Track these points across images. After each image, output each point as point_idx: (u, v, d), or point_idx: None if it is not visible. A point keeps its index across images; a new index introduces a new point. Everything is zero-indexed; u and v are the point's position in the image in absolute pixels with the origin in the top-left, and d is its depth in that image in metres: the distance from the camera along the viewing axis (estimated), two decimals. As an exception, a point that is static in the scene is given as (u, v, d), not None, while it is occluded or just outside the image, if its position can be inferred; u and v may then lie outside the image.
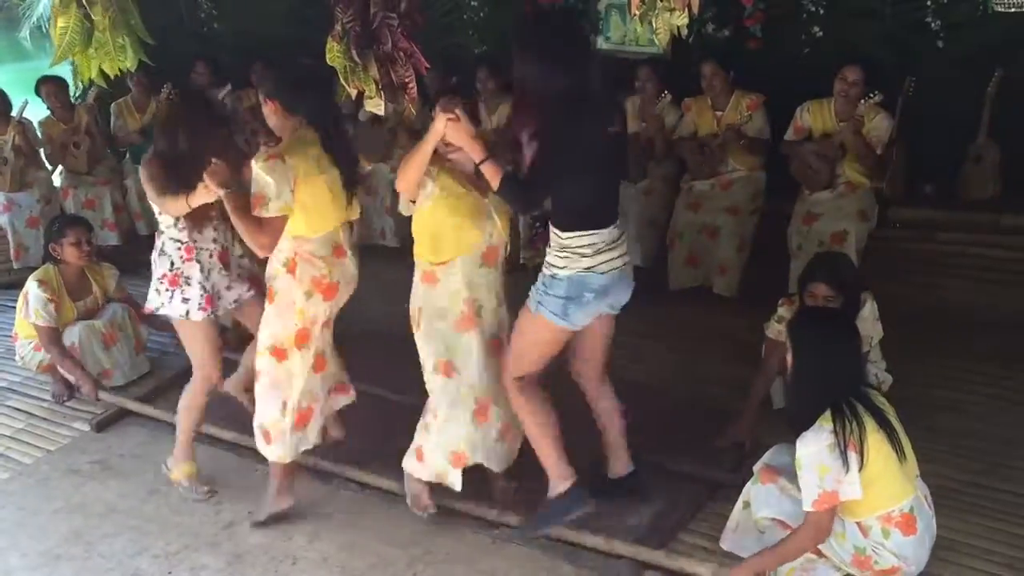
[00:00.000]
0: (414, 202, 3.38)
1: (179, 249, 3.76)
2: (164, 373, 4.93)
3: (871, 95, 4.78)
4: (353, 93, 3.69)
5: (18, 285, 4.74)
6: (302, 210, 3.38)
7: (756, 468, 3.16)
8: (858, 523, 2.87)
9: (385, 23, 3.26)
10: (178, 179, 3.54)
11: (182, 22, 7.27)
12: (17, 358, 4.90)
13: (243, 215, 3.34)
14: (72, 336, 4.70)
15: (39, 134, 6.51)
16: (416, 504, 3.65)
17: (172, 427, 4.26)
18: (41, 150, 6.56)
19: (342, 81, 3.54)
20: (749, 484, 3.14)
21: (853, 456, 2.75)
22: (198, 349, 3.87)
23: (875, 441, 2.79)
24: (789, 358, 2.99)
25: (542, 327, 3.27)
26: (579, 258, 3.16)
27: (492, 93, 5.91)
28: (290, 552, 3.55)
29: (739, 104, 5.34)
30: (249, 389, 3.88)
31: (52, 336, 4.61)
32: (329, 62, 3.49)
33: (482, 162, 3.17)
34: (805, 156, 5.07)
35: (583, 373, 3.55)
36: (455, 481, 3.55)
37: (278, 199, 3.31)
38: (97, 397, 4.62)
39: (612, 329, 3.47)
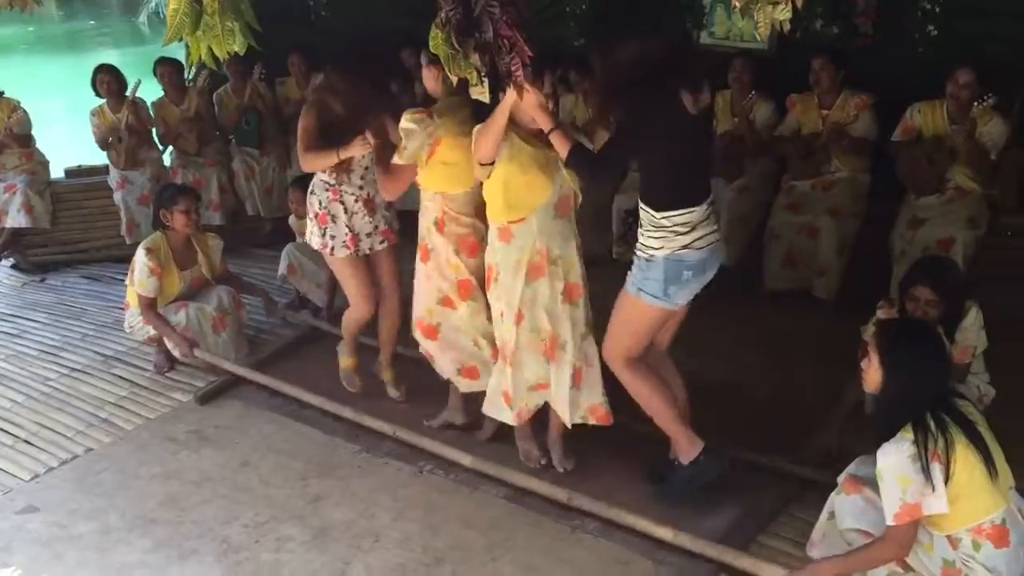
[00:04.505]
0: (492, 164, 3.48)
1: (327, 191, 4.20)
2: (263, 350, 5.09)
3: (986, 97, 4.60)
4: (454, 80, 3.77)
5: (130, 260, 4.90)
6: (444, 166, 3.67)
7: (840, 479, 3.08)
8: (947, 536, 2.77)
9: (486, 11, 3.27)
10: (330, 139, 3.99)
11: (291, 11, 7.42)
12: (126, 326, 5.06)
13: (380, 163, 3.84)
14: (184, 318, 4.82)
15: (152, 114, 6.70)
16: (528, 458, 3.87)
17: (266, 402, 4.56)
18: (153, 130, 6.76)
19: (445, 69, 3.60)
20: (833, 495, 3.07)
21: (937, 468, 2.66)
22: (347, 283, 4.35)
23: (963, 453, 2.69)
24: (872, 368, 2.88)
25: (643, 310, 3.33)
26: (675, 236, 3.20)
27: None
28: (373, 529, 3.62)
29: (847, 103, 5.21)
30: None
31: (150, 304, 4.79)
32: (432, 50, 3.55)
33: (551, 131, 3.27)
34: (915, 157, 4.90)
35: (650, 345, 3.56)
36: (534, 405, 3.74)
37: (411, 148, 3.65)
38: (192, 355, 4.79)
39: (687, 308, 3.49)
